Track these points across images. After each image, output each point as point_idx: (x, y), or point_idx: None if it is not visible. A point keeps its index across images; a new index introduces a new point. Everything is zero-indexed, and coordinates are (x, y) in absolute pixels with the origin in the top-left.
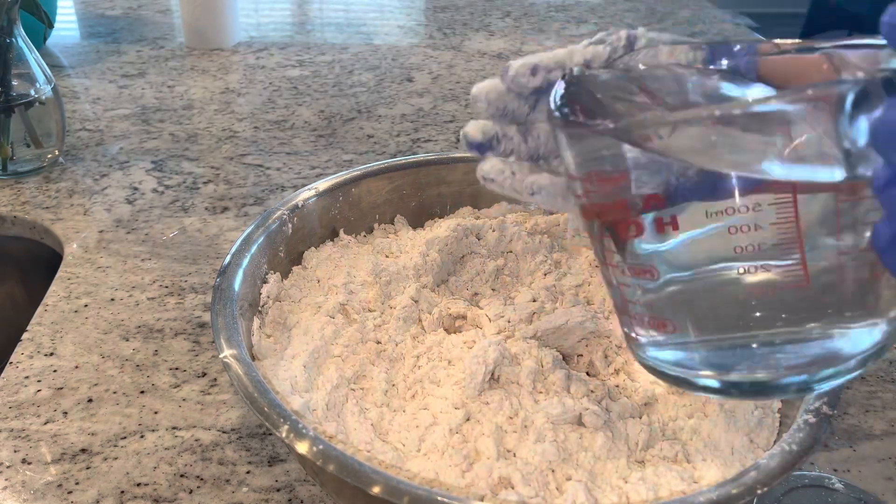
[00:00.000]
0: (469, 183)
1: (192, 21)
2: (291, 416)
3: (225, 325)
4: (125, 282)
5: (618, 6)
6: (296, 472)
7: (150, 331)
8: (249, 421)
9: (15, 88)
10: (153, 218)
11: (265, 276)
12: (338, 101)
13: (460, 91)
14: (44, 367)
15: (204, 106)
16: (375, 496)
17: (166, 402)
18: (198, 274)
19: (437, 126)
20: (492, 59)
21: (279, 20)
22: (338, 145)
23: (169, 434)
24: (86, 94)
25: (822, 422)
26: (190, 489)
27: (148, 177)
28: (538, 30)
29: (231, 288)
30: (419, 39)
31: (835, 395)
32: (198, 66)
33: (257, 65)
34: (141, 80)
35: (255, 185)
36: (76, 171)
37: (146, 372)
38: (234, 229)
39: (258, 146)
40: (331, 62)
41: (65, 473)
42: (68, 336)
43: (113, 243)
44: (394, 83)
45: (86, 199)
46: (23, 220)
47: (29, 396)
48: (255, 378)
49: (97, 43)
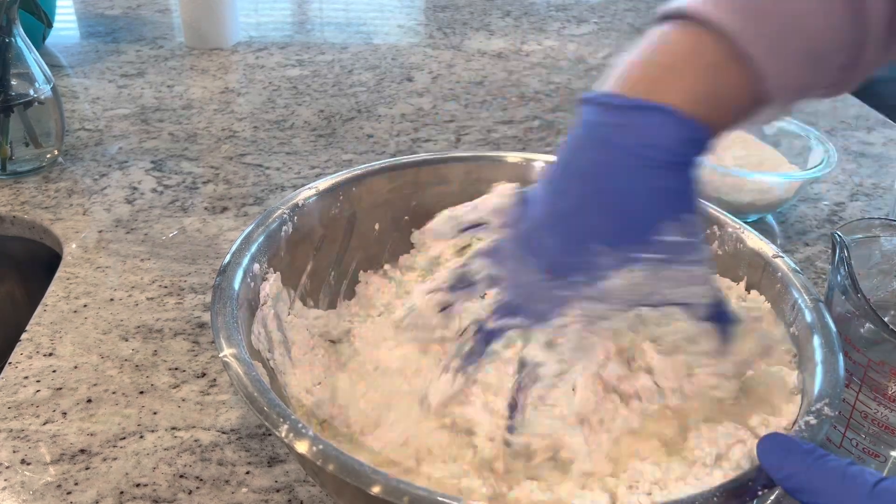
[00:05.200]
0: (470, 182)
1: (191, 21)
2: (291, 415)
3: (225, 324)
4: (124, 282)
5: (618, 6)
6: (295, 473)
7: (149, 331)
8: (249, 421)
9: (14, 88)
10: (152, 218)
11: (265, 276)
12: (338, 101)
13: (460, 91)
14: (43, 368)
15: (203, 106)
16: (375, 496)
17: (166, 402)
18: (197, 274)
19: (436, 126)
20: (492, 59)
21: (279, 20)
22: (337, 145)
23: (168, 434)
24: (85, 94)
25: (823, 423)
26: (189, 490)
27: (147, 177)
28: (538, 29)
29: (231, 287)
30: (419, 39)
31: (836, 396)
32: (197, 66)
33: (257, 64)
34: (140, 80)
35: (255, 184)
36: (75, 170)
37: (145, 372)
38: (234, 229)
39: (258, 146)
40: (331, 62)
41: (64, 474)
42: (67, 336)
43: (112, 243)
44: (394, 83)
45: (85, 199)
46: (22, 220)
47: (28, 397)
48: (254, 377)
49: (96, 42)
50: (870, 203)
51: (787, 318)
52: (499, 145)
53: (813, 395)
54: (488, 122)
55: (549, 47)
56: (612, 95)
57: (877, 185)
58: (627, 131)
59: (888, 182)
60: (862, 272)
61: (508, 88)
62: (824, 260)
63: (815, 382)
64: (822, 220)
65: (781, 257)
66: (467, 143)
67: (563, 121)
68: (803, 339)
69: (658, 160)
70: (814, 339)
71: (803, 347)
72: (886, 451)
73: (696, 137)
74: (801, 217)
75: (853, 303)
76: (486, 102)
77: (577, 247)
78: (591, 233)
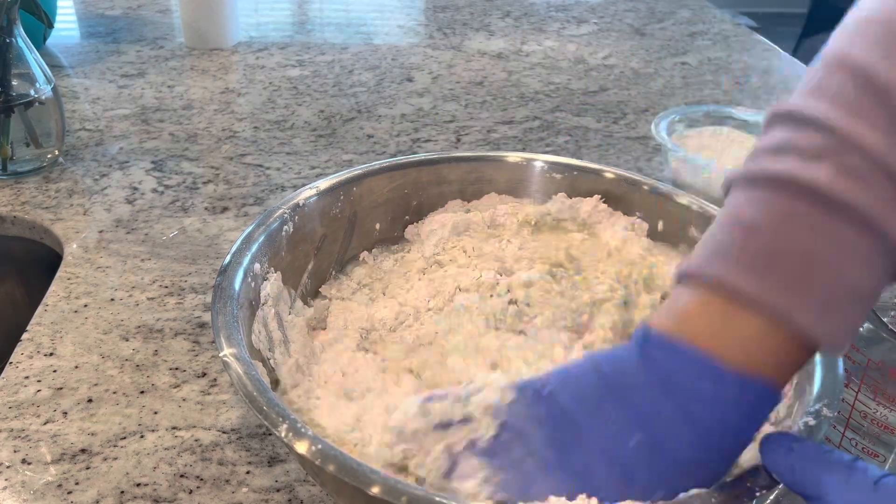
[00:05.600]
0: (471, 182)
1: (191, 21)
2: (290, 414)
3: (225, 323)
4: (125, 282)
5: (618, 6)
6: (296, 473)
7: (149, 331)
8: (249, 421)
9: (15, 88)
10: (153, 218)
11: (266, 275)
12: (338, 101)
13: (460, 91)
14: (44, 367)
15: (204, 106)
16: (374, 496)
17: (166, 402)
18: (197, 274)
19: (437, 126)
20: (492, 59)
21: (279, 20)
22: (338, 145)
23: (169, 434)
24: (85, 94)
25: (821, 424)
26: (190, 489)
27: (148, 177)
28: (538, 30)
29: (231, 286)
30: (419, 39)
31: (835, 397)
32: (197, 66)
33: (257, 65)
34: (140, 80)
35: (255, 185)
36: (76, 171)
37: (146, 372)
38: (234, 229)
39: (258, 146)
40: (331, 62)
41: (64, 474)
42: (68, 336)
43: (113, 243)
44: (394, 83)
45: (85, 199)
46: (22, 220)
47: (29, 396)
48: (254, 377)
49: (97, 43)
50: None
51: None
52: (499, 145)
53: (812, 395)
54: (488, 122)
55: (549, 48)
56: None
57: None
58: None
59: None
60: None
61: (508, 88)
62: None
63: (814, 382)
64: None
65: None
66: (467, 143)
67: (563, 121)
68: None
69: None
70: None
71: None
72: (886, 451)
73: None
74: None
75: None
76: (486, 103)
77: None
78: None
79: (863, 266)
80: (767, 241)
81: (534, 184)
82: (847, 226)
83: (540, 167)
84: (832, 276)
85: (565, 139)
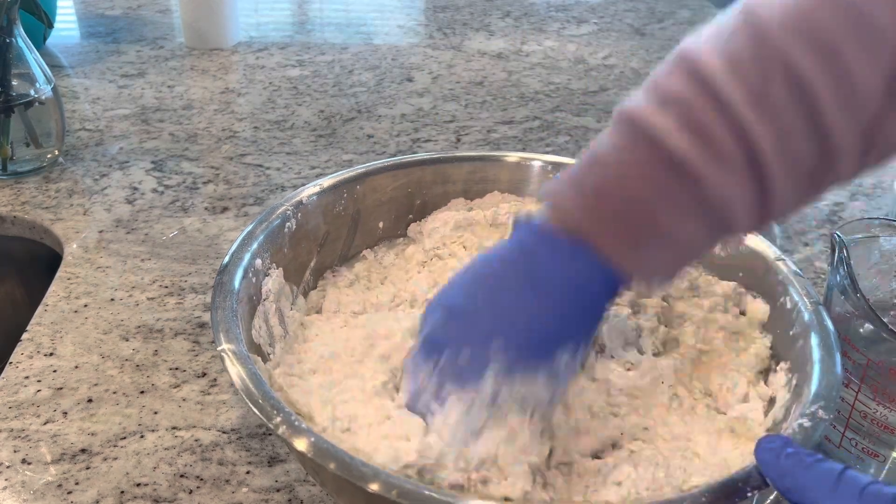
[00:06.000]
0: (474, 181)
1: (191, 21)
2: (285, 408)
3: (224, 319)
4: (125, 282)
5: (618, 6)
6: (296, 472)
7: (149, 331)
8: (249, 421)
9: (15, 88)
10: (153, 218)
11: (268, 271)
12: (338, 101)
13: (460, 91)
14: (44, 367)
15: (204, 106)
16: (373, 494)
17: (166, 402)
18: (197, 274)
19: (437, 126)
20: (492, 59)
21: (279, 20)
22: (338, 145)
23: (169, 434)
24: (85, 94)
25: (817, 426)
26: (190, 489)
27: (148, 177)
28: (538, 30)
29: (231, 283)
30: (419, 39)
31: (832, 399)
32: (197, 66)
33: (257, 65)
34: (141, 80)
35: (255, 185)
36: (76, 171)
37: (146, 372)
38: (234, 229)
39: (258, 146)
40: (331, 62)
41: (65, 474)
42: (68, 336)
43: (113, 243)
44: (394, 83)
45: (85, 199)
46: (22, 220)
47: (29, 396)
48: (251, 371)
49: (97, 43)
50: (869, 203)
51: (786, 321)
52: (499, 145)
53: (809, 396)
54: (488, 122)
55: (549, 48)
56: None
57: (876, 185)
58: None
59: (888, 182)
60: (861, 272)
61: (508, 88)
62: (823, 260)
63: (812, 383)
64: (822, 220)
65: (783, 260)
66: (467, 143)
67: (563, 121)
68: (801, 340)
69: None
70: (811, 339)
71: (801, 348)
72: (886, 451)
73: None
74: (801, 217)
75: (852, 303)
76: (486, 102)
77: (485, 341)
78: (502, 334)
79: (684, 219)
80: (602, 176)
81: (534, 183)
82: (674, 177)
83: (540, 167)
84: (649, 219)
85: (565, 139)
